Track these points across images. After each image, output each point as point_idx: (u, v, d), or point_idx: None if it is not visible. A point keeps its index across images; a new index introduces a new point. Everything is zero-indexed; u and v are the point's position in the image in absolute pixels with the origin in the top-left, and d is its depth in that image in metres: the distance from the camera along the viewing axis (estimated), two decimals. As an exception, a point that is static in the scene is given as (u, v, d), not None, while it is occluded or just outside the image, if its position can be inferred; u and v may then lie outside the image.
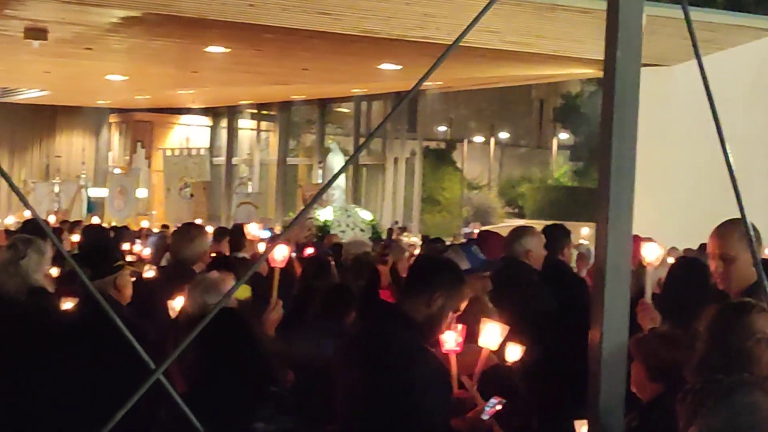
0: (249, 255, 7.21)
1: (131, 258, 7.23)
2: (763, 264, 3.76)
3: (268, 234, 7.78)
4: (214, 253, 7.25)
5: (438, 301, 3.52)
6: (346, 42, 15.85)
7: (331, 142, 21.96)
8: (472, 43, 14.08)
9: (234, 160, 29.79)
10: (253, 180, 28.44)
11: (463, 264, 4.52)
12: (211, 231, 10.18)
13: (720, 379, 2.81)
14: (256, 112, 30.18)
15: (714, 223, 3.95)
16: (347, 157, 28.66)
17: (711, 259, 3.90)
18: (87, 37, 16.55)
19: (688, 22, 1.73)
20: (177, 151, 28.95)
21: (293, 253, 7.83)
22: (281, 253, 4.72)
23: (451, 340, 3.80)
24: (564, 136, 48.62)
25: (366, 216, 19.01)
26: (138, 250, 8.95)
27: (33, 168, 31.77)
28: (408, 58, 17.35)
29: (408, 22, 14.22)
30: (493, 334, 3.88)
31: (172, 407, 2.95)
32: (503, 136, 48.59)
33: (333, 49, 16.94)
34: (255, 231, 7.24)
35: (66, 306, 4.67)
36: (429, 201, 37.01)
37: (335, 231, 17.17)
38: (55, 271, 6.99)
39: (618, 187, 1.77)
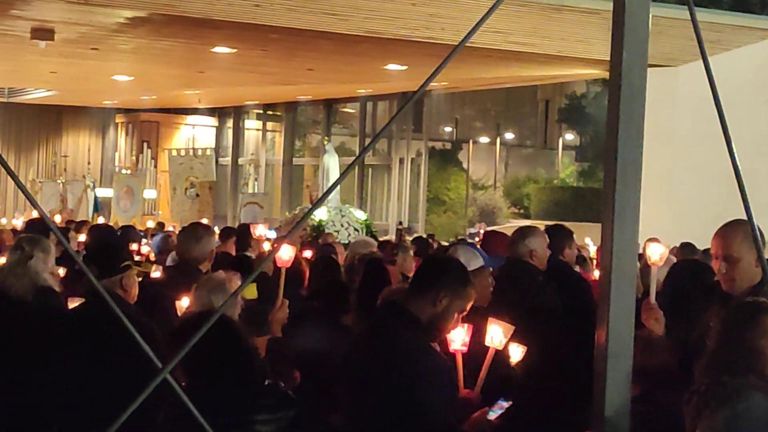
0: (255, 255, 7.22)
1: (139, 258, 7.23)
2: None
3: (274, 234, 7.78)
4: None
5: (443, 301, 3.52)
6: (352, 42, 15.86)
7: (327, 142, 21.97)
8: (478, 43, 14.08)
9: (240, 161, 29.82)
10: (259, 180, 28.46)
11: (476, 261, 4.52)
12: (217, 231, 10.22)
13: (725, 382, 2.81)
14: (262, 112, 30.21)
15: (720, 224, 3.94)
16: (345, 157, 28.69)
17: (714, 259, 3.88)
18: (93, 37, 16.58)
19: (694, 22, 1.73)
20: (183, 152, 28.98)
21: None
22: (287, 253, 4.72)
23: (458, 340, 3.80)
24: (570, 136, 48.59)
25: (360, 216, 19.11)
26: (146, 251, 8.97)
27: (39, 168, 31.84)
28: (413, 58, 17.36)
29: (413, 23, 14.23)
30: (498, 334, 3.88)
31: (172, 409, 2.96)
32: (509, 136, 48.57)
33: (339, 50, 16.95)
34: (261, 231, 7.25)
35: (73, 305, 4.68)
36: (434, 201, 37.02)
37: (330, 230, 17.25)
38: (62, 271, 7.01)
39: (624, 187, 1.77)
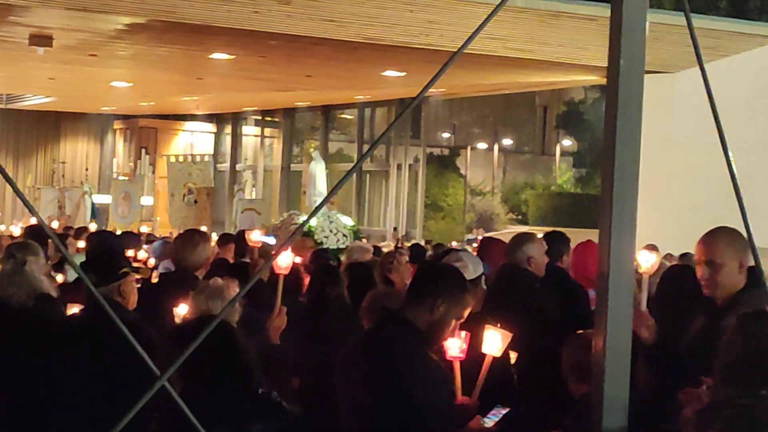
0: (252, 261, 7.15)
1: (137, 264, 7.23)
2: (751, 270, 3.81)
3: (272, 240, 7.75)
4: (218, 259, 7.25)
5: (440, 308, 3.52)
6: (350, 49, 15.87)
7: (313, 149, 22.10)
8: (476, 49, 14.09)
9: (238, 167, 29.82)
10: (257, 186, 28.45)
11: (478, 267, 4.52)
12: (215, 237, 10.18)
13: (731, 402, 2.80)
14: (260, 118, 30.23)
15: (719, 230, 3.97)
16: (343, 163, 28.70)
17: (697, 265, 3.94)
18: (92, 43, 16.59)
19: (690, 30, 1.74)
20: (181, 158, 28.98)
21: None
22: (285, 261, 4.72)
23: (455, 347, 3.79)
24: (567, 142, 48.62)
25: (347, 222, 19.28)
26: (143, 256, 8.95)
27: (38, 174, 31.83)
28: (412, 65, 17.37)
29: (412, 29, 14.24)
30: (495, 340, 3.87)
31: (165, 421, 2.94)
32: (507, 142, 48.61)
33: (337, 56, 16.96)
34: (257, 237, 7.20)
35: (72, 312, 4.67)
36: (432, 207, 37.01)
37: (318, 237, 17.38)
38: (60, 278, 7.01)
39: (621, 193, 1.78)
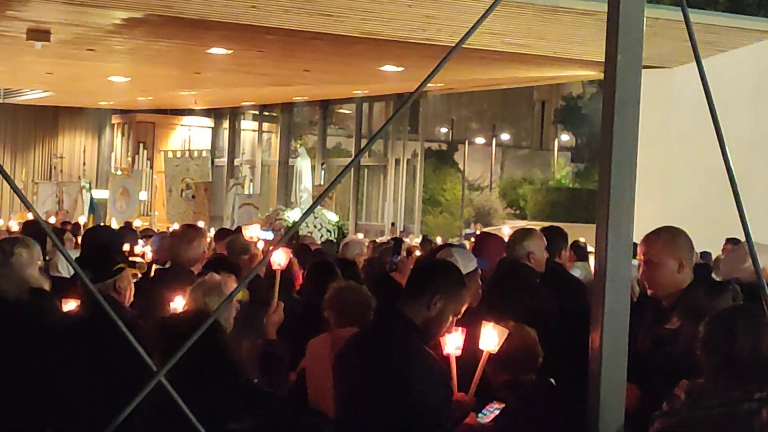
0: (247, 256, 7.17)
1: (135, 258, 7.21)
2: (699, 268, 3.85)
3: (270, 235, 7.74)
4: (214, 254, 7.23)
5: (438, 304, 3.51)
6: (348, 43, 15.86)
7: (300, 145, 22.25)
8: (474, 44, 14.08)
9: (236, 161, 29.81)
10: (254, 181, 28.45)
11: (471, 263, 4.51)
12: (212, 233, 10.17)
13: (709, 406, 2.79)
14: (257, 113, 30.21)
15: (716, 226, 4.00)
16: (341, 158, 28.71)
17: (640, 263, 3.99)
18: (89, 38, 16.56)
19: (687, 25, 1.73)
20: (179, 153, 28.97)
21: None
22: (282, 256, 4.72)
23: (452, 343, 3.79)
24: (565, 137, 48.63)
25: (332, 217, 19.45)
26: (139, 251, 8.93)
27: (35, 169, 31.81)
28: (410, 59, 17.36)
29: (410, 24, 14.23)
30: (492, 337, 3.87)
31: (153, 417, 2.93)
32: (504, 137, 48.59)
33: (335, 51, 16.95)
34: (254, 232, 7.21)
35: (68, 307, 4.66)
36: (430, 202, 37.03)
37: (303, 232, 17.50)
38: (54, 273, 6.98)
39: (619, 189, 1.77)
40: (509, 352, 3.74)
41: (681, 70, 15.91)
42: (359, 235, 16.89)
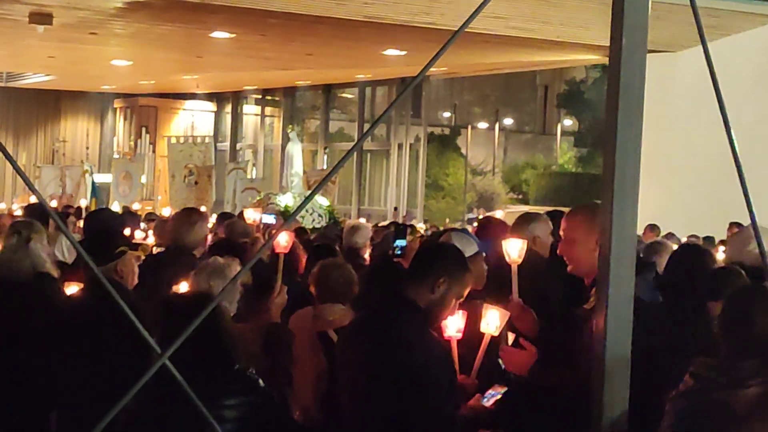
0: (249, 240, 7.15)
1: (139, 240, 7.23)
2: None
3: (272, 219, 7.71)
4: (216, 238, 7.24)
5: (441, 287, 3.53)
6: (351, 27, 15.81)
7: (291, 130, 22.19)
8: (477, 29, 14.03)
9: (238, 146, 29.79)
10: (257, 165, 28.43)
11: (471, 247, 4.51)
12: (214, 218, 10.17)
13: (712, 386, 2.79)
14: (260, 97, 30.17)
15: (720, 210, 3.99)
16: (343, 143, 28.67)
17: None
18: (92, 21, 16.52)
19: (693, 8, 1.72)
20: (182, 139, 28.95)
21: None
22: (285, 239, 4.73)
23: (453, 326, 3.80)
24: (568, 122, 48.57)
25: (323, 202, 19.43)
26: (140, 236, 8.95)
27: (38, 153, 31.79)
28: (413, 43, 17.31)
29: (413, 8, 14.18)
30: (494, 319, 3.88)
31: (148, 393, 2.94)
32: (508, 122, 48.53)
33: (338, 35, 16.90)
34: (254, 216, 7.18)
35: (70, 290, 4.67)
36: (433, 187, 37.01)
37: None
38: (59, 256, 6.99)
39: (623, 173, 1.77)
40: None
41: (685, 54, 15.86)
42: (361, 220, 16.89)
